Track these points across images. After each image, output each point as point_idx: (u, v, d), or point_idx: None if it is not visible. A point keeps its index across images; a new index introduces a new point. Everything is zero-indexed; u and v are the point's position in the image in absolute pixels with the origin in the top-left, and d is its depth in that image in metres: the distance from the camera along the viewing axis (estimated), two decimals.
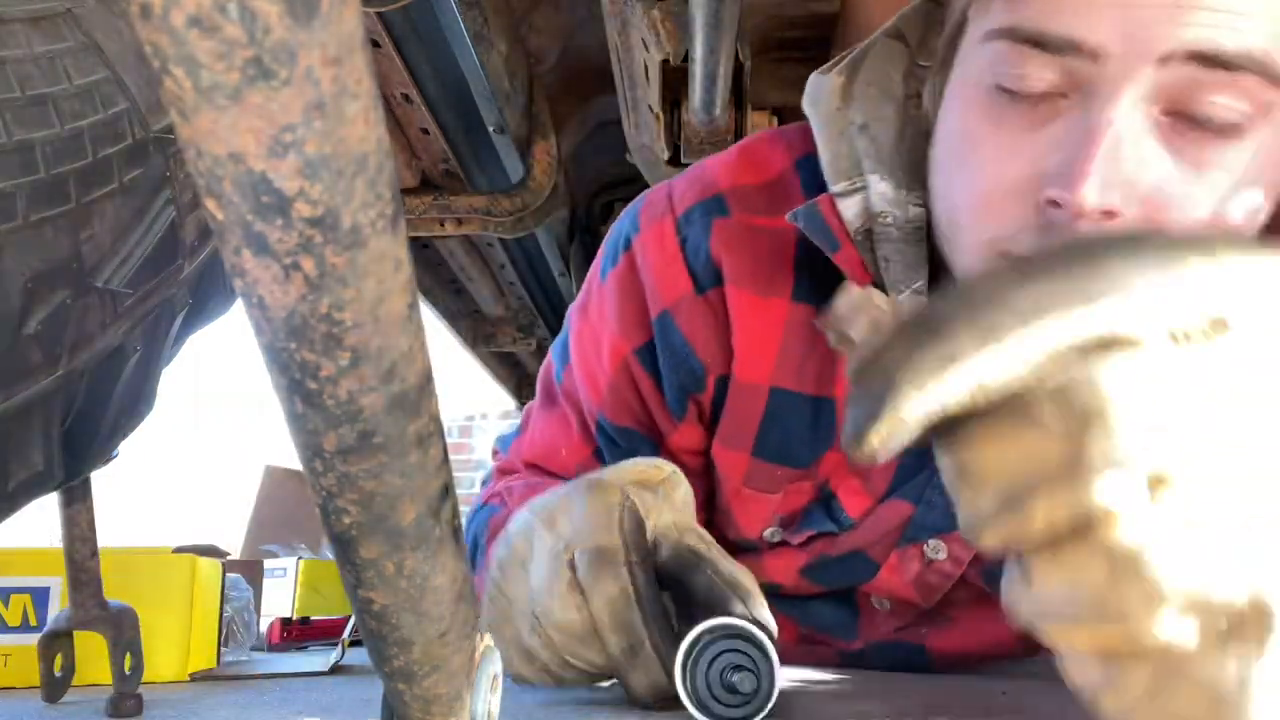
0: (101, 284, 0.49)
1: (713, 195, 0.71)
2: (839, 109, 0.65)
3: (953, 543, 0.72)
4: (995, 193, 0.54)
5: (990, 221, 0.55)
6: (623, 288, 0.73)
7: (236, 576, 1.03)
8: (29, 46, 0.45)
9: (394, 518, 0.24)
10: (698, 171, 0.74)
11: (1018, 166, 0.53)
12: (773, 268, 0.68)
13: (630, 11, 1.09)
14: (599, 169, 1.88)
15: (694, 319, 0.70)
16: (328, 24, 0.15)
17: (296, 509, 2.47)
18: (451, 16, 1.22)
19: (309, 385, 0.20)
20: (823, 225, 0.63)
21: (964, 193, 0.57)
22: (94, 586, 0.63)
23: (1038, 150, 0.52)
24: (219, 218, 0.17)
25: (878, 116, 0.64)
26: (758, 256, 0.68)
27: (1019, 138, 0.53)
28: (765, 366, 0.69)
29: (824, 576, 0.78)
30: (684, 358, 0.72)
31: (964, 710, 0.57)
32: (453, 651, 0.29)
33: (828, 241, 0.63)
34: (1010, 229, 0.54)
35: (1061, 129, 0.52)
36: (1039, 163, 0.52)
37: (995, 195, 0.54)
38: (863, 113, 0.64)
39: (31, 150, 0.44)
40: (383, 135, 0.18)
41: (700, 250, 0.69)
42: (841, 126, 0.65)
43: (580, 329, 0.78)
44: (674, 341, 0.71)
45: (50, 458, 0.49)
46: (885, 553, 0.74)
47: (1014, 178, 0.53)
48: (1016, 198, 0.53)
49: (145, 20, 0.14)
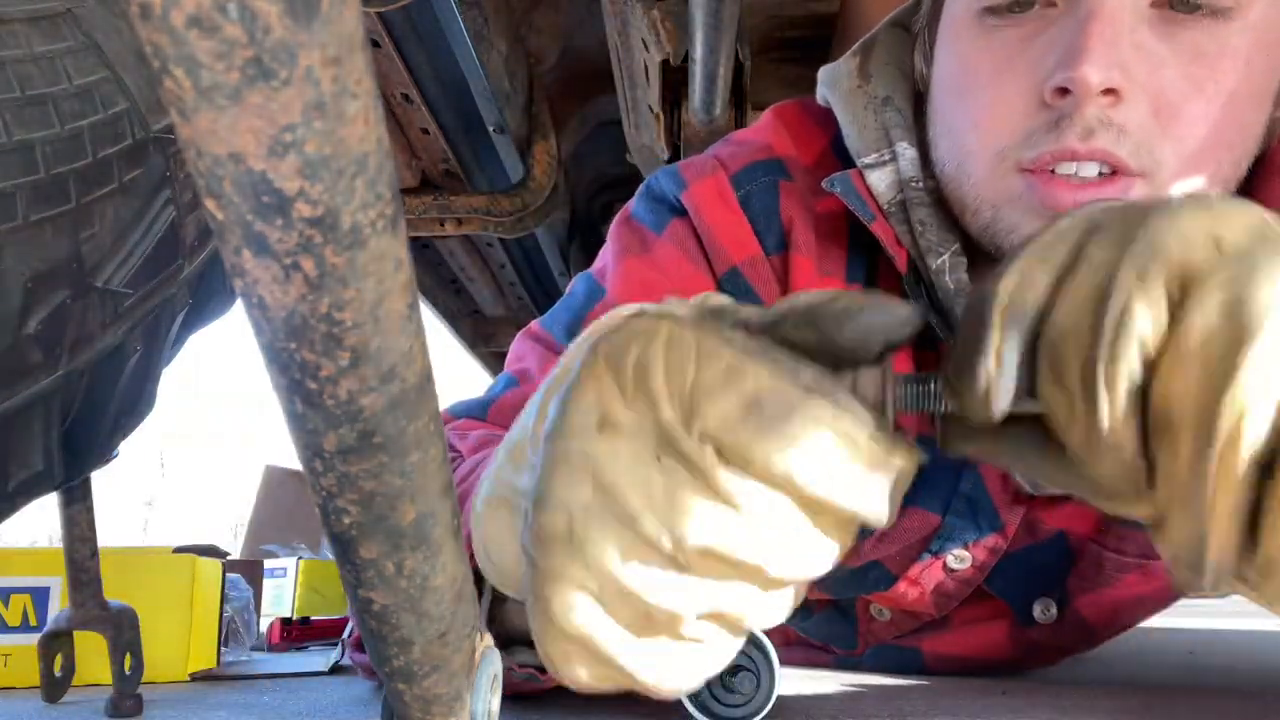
0: (101, 284, 0.49)
1: (772, 158, 0.69)
2: (859, 86, 0.66)
3: (977, 550, 0.69)
4: (999, 105, 0.55)
5: (1000, 133, 0.55)
6: (691, 242, 0.69)
7: (236, 576, 1.03)
8: (29, 46, 0.44)
9: (394, 518, 0.24)
10: (739, 138, 0.72)
11: (1017, 76, 0.54)
12: (828, 247, 0.67)
13: (630, 11, 1.09)
14: (599, 169, 1.88)
15: (764, 280, 0.68)
16: (328, 24, 0.15)
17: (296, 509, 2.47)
18: (451, 16, 1.22)
19: (309, 385, 0.20)
20: (857, 195, 0.63)
21: (968, 116, 0.57)
22: (94, 586, 0.63)
23: (1035, 56, 0.54)
24: (219, 218, 0.17)
25: (898, 91, 0.65)
26: (819, 232, 0.68)
27: (1014, 52, 0.54)
28: None
29: (836, 587, 0.75)
30: None
31: (964, 710, 0.57)
32: (453, 651, 0.29)
33: (863, 211, 0.63)
34: (1020, 135, 0.54)
35: (1056, 31, 0.53)
36: (1038, 67, 0.53)
37: (999, 108, 0.55)
38: (884, 87, 0.65)
39: (31, 150, 0.44)
40: (383, 135, 0.18)
41: (770, 210, 0.68)
42: (864, 102, 0.65)
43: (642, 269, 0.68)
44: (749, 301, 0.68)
45: (50, 458, 0.49)
46: (905, 564, 0.71)
47: (1016, 87, 0.54)
48: (1021, 104, 0.54)
49: (145, 20, 0.14)
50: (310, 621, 1.22)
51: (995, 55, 0.55)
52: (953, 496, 0.68)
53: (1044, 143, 0.53)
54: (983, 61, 0.56)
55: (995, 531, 0.68)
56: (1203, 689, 0.70)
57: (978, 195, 0.58)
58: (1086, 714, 0.56)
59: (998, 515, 0.68)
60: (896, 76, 0.66)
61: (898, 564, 0.71)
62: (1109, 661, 0.96)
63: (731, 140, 0.73)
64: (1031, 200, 0.55)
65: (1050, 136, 0.53)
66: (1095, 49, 0.50)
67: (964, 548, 0.69)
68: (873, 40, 0.67)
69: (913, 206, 0.62)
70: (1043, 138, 0.53)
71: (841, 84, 0.67)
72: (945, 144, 0.60)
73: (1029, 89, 0.54)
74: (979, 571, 0.71)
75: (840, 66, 0.67)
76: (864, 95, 0.65)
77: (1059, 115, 0.52)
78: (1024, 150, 0.54)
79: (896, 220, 0.63)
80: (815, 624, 0.82)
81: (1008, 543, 0.68)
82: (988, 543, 0.68)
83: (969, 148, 0.58)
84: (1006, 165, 0.56)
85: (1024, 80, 0.54)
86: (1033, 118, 0.54)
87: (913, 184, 0.62)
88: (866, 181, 0.63)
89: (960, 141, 0.59)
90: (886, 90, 0.65)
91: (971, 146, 0.57)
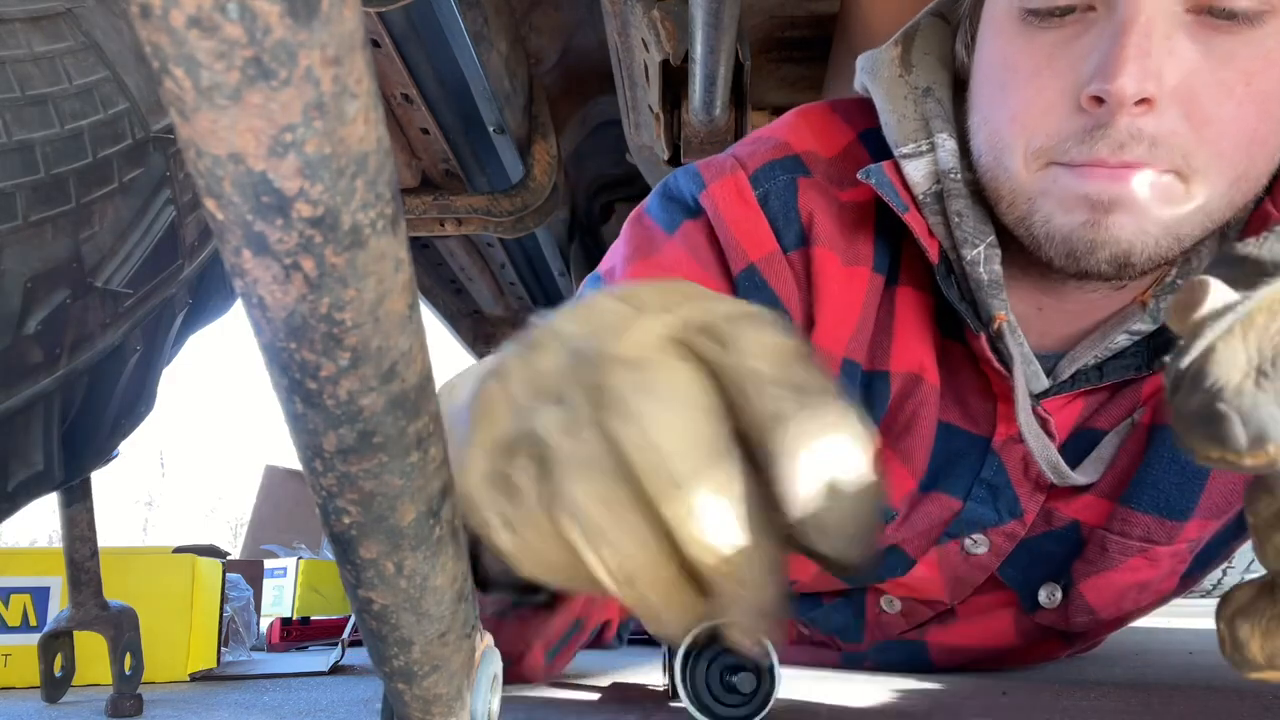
0: (101, 284, 0.49)
1: (789, 155, 0.70)
2: (900, 76, 0.66)
3: (995, 535, 0.70)
4: (1037, 104, 0.56)
5: (1036, 132, 0.57)
6: (703, 241, 0.69)
7: (237, 576, 1.03)
8: (29, 46, 0.44)
9: (394, 518, 0.24)
10: (755, 138, 0.72)
11: (1056, 77, 0.55)
12: (854, 237, 0.68)
13: (630, 11, 1.09)
14: (599, 169, 1.88)
15: (782, 277, 0.68)
16: (328, 24, 0.15)
17: (296, 509, 2.47)
18: (451, 16, 1.22)
19: (309, 385, 0.20)
20: (890, 186, 0.63)
21: (1006, 111, 0.58)
22: (94, 586, 0.63)
23: (1073, 59, 0.55)
24: (219, 218, 0.17)
25: (939, 81, 0.66)
26: (843, 223, 0.68)
27: (1054, 53, 0.56)
28: (843, 336, 0.68)
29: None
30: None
31: (964, 710, 0.57)
32: (453, 651, 0.29)
33: (897, 201, 0.63)
34: (1055, 136, 0.56)
35: (1094, 37, 0.54)
36: (1076, 69, 0.54)
37: (1037, 107, 0.56)
38: (925, 77, 0.66)
39: (31, 150, 0.44)
40: (383, 135, 0.18)
41: (788, 207, 0.68)
42: (904, 91, 0.66)
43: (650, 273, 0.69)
44: (766, 297, 0.68)
45: (50, 458, 0.49)
46: (923, 548, 0.72)
47: (1054, 88, 0.55)
48: (1058, 106, 0.55)
49: (145, 20, 0.14)
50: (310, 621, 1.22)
51: (1035, 55, 0.56)
52: (974, 482, 0.69)
53: (1076, 150, 0.55)
54: (1022, 60, 0.57)
55: (1015, 518, 0.70)
56: (1203, 689, 0.70)
57: (1013, 187, 0.59)
58: (1087, 714, 0.56)
59: (1018, 502, 0.69)
60: (937, 67, 0.66)
61: (916, 547, 0.72)
62: (1109, 661, 0.96)
63: (750, 139, 0.73)
64: (1064, 191, 0.56)
65: (1084, 147, 0.54)
66: (1130, 59, 0.51)
67: (982, 532, 0.70)
68: (914, 29, 0.68)
69: (950, 197, 0.63)
70: (1076, 146, 0.55)
71: (882, 72, 0.67)
72: (983, 135, 0.61)
73: (1066, 91, 0.55)
74: (996, 557, 0.72)
75: (881, 55, 0.68)
76: (905, 85, 0.66)
77: (1094, 124, 0.54)
78: (1057, 153, 0.56)
79: (930, 211, 0.63)
80: (823, 615, 0.82)
81: (1026, 530, 0.70)
82: (1007, 529, 0.70)
83: (1006, 141, 0.59)
84: (1040, 162, 0.57)
85: (1062, 82, 0.55)
86: (1069, 120, 0.55)
87: (951, 175, 0.63)
88: (902, 172, 0.64)
89: (998, 134, 0.59)
90: (928, 81, 0.65)
91: (1008, 140, 0.58)
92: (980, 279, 0.62)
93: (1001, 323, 0.62)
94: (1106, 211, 0.54)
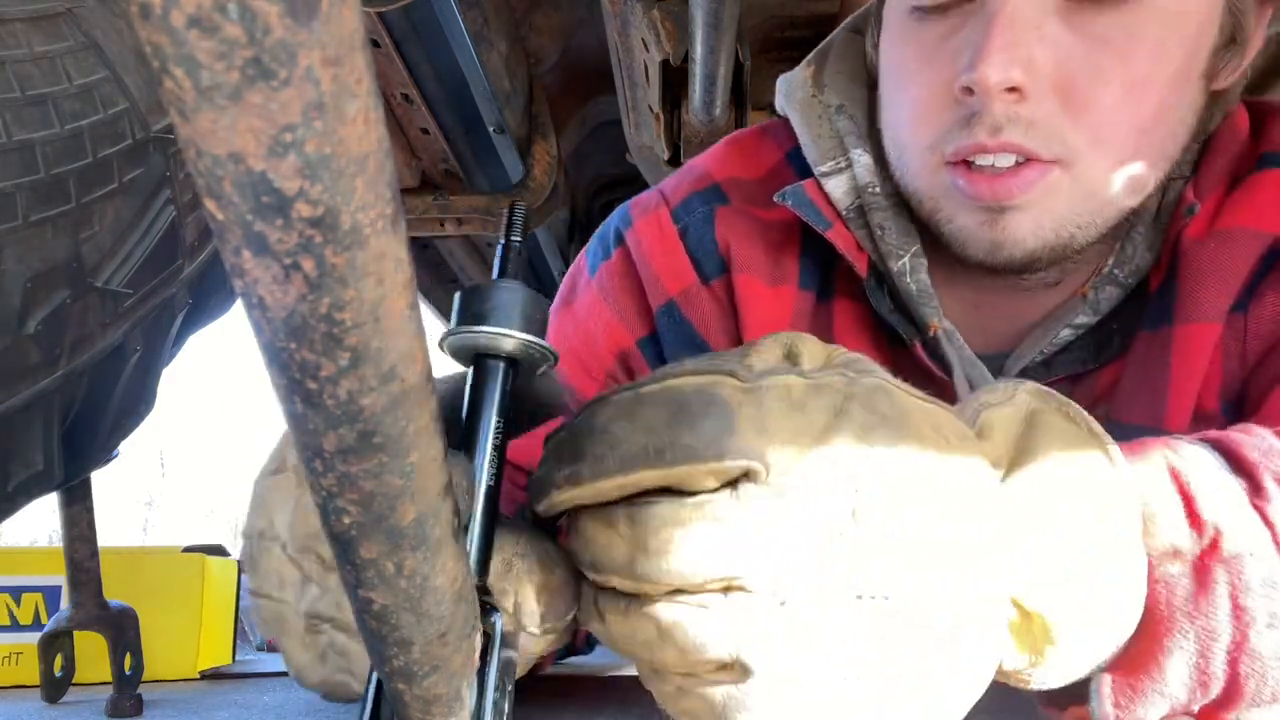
0: (101, 284, 0.49)
1: (709, 185, 0.71)
2: (813, 95, 0.68)
3: None
4: (922, 101, 0.58)
5: (926, 129, 0.58)
6: (617, 281, 0.72)
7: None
8: (29, 46, 0.44)
9: (394, 518, 0.24)
10: (686, 168, 0.74)
11: (937, 72, 0.57)
12: (779, 256, 0.68)
13: (630, 11, 1.09)
14: (599, 169, 1.88)
15: (702, 308, 0.69)
16: (327, 24, 0.15)
17: None
18: (451, 16, 1.22)
19: (309, 385, 0.20)
20: (811, 205, 0.64)
21: (903, 110, 0.60)
22: (94, 586, 0.63)
23: (952, 53, 0.56)
24: (219, 218, 0.17)
25: (851, 98, 0.67)
26: (765, 245, 0.68)
27: (936, 48, 0.57)
28: None
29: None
30: (697, 348, 0.71)
31: None
32: (453, 651, 0.29)
33: (818, 220, 0.64)
34: (940, 131, 0.57)
35: (969, 29, 0.55)
36: (952, 64, 0.56)
37: (923, 104, 0.58)
38: (837, 95, 0.67)
39: (31, 150, 0.44)
40: (383, 135, 0.18)
41: (705, 239, 0.69)
42: (818, 111, 0.67)
43: (562, 324, 0.75)
44: (685, 332, 0.70)
45: (50, 457, 0.49)
46: None
47: (938, 82, 0.57)
48: (941, 99, 0.57)
49: (145, 20, 0.14)
50: None
51: (920, 52, 0.58)
52: None
53: (959, 138, 0.56)
54: (909, 58, 0.59)
55: None
56: None
57: (918, 188, 0.60)
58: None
59: None
60: (849, 84, 0.67)
61: None
62: None
63: (681, 169, 0.75)
64: (958, 193, 0.57)
65: (964, 133, 0.56)
66: (996, 49, 0.52)
67: None
68: (827, 48, 0.69)
69: (871, 211, 0.64)
70: (957, 133, 0.56)
71: (796, 94, 0.68)
72: (888, 137, 0.62)
73: (947, 84, 0.56)
74: None
75: (795, 76, 0.69)
76: (819, 104, 0.67)
77: (970, 112, 0.55)
78: (945, 145, 0.57)
79: (856, 225, 0.64)
80: None
81: None
82: None
83: (904, 140, 0.60)
84: (935, 159, 0.58)
85: (943, 75, 0.56)
86: (949, 113, 0.56)
87: (870, 189, 0.64)
88: (824, 189, 0.65)
89: (898, 134, 0.61)
90: (840, 98, 0.67)
91: (906, 139, 0.60)
92: (909, 289, 0.63)
93: (936, 331, 0.63)
94: (1000, 212, 0.56)
